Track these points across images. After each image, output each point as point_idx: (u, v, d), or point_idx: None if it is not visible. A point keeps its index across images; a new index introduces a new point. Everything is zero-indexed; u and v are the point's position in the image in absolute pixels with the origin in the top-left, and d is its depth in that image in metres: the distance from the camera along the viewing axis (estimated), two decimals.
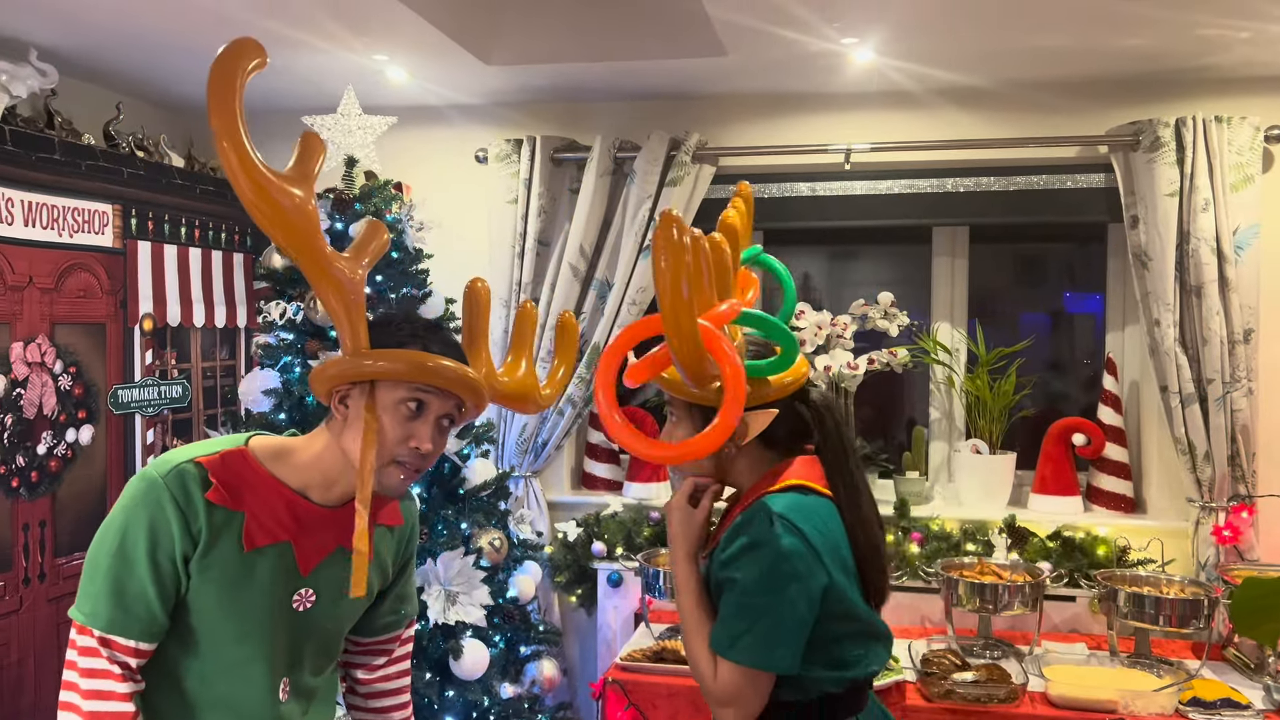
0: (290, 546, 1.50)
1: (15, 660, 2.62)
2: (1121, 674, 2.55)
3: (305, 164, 1.41)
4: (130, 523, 1.42)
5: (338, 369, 1.46)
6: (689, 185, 3.25)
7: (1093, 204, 3.17)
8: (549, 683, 2.85)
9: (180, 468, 1.45)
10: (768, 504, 1.49)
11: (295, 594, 1.53)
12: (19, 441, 2.62)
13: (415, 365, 1.44)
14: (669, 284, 1.32)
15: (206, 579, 1.45)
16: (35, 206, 2.65)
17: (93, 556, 1.44)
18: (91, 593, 1.42)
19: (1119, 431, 3.23)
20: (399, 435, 1.46)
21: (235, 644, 1.50)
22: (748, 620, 1.46)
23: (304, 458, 1.51)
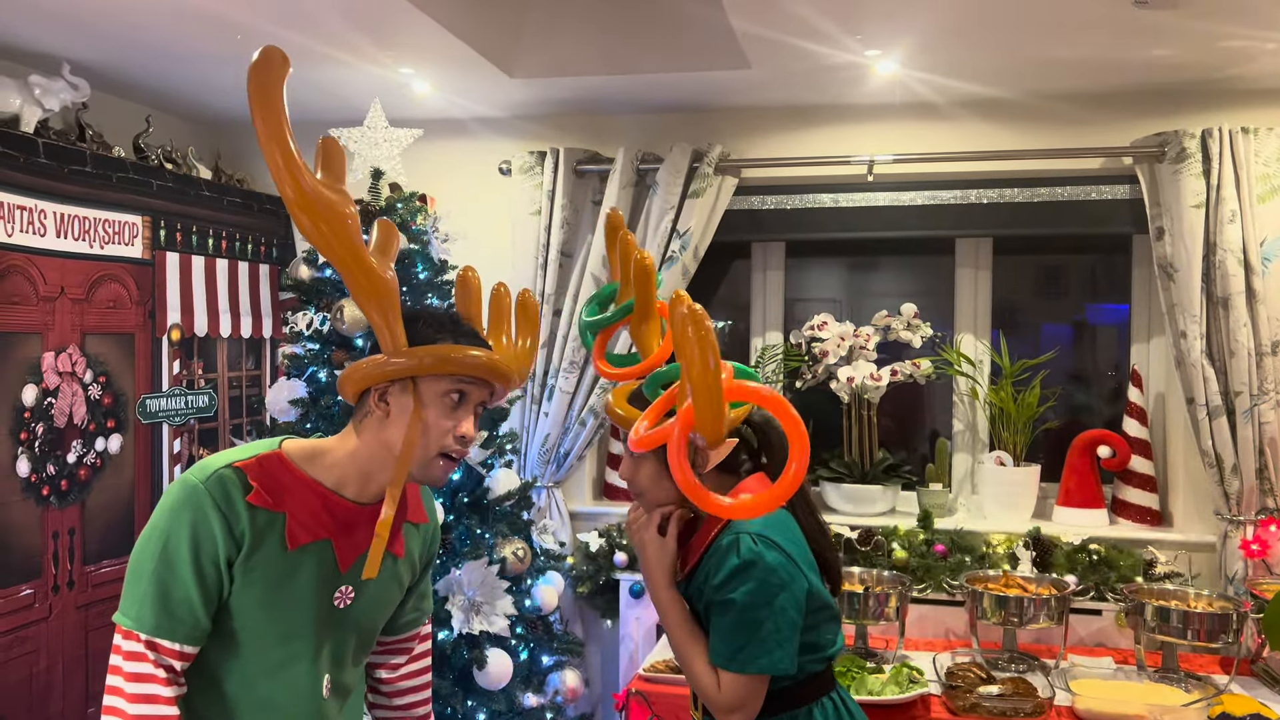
0: (330, 544, 1.54)
1: (44, 667, 2.65)
2: (1149, 689, 2.52)
3: (334, 168, 1.46)
4: (173, 528, 1.44)
5: (383, 367, 1.50)
6: (711, 197, 3.26)
7: (1118, 215, 3.16)
8: (572, 693, 2.85)
9: (219, 473, 1.47)
10: (742, 527, 1.65)
11: (336, 591, 1.56)
12: (50, 450, 2.65)
13: (462, 359, 1.51)
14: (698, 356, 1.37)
15: (250, 580, 1.47)
16: (67, 218, 2.69)
17: (136, 562, 1.46)
18: (136, 597, 1.43)
19: (1144, 444, 3.21)
20: (445, 426, 1.52)
21: (279, 644, 1.52)
22: (746, 634, 1.61)
23: (339, 456, 1.55)
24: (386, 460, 1.53)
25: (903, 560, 3.04)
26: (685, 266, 3.26)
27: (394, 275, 1.50)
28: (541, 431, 3.38)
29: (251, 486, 1.48)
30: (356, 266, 1.44)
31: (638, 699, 2.61)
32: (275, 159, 1.34)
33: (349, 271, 1.44)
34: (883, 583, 2.86)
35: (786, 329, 3.61)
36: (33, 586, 2.61)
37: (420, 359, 1.49)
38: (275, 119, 1.34)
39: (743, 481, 1.70)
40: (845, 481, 3.33)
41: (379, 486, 1.56)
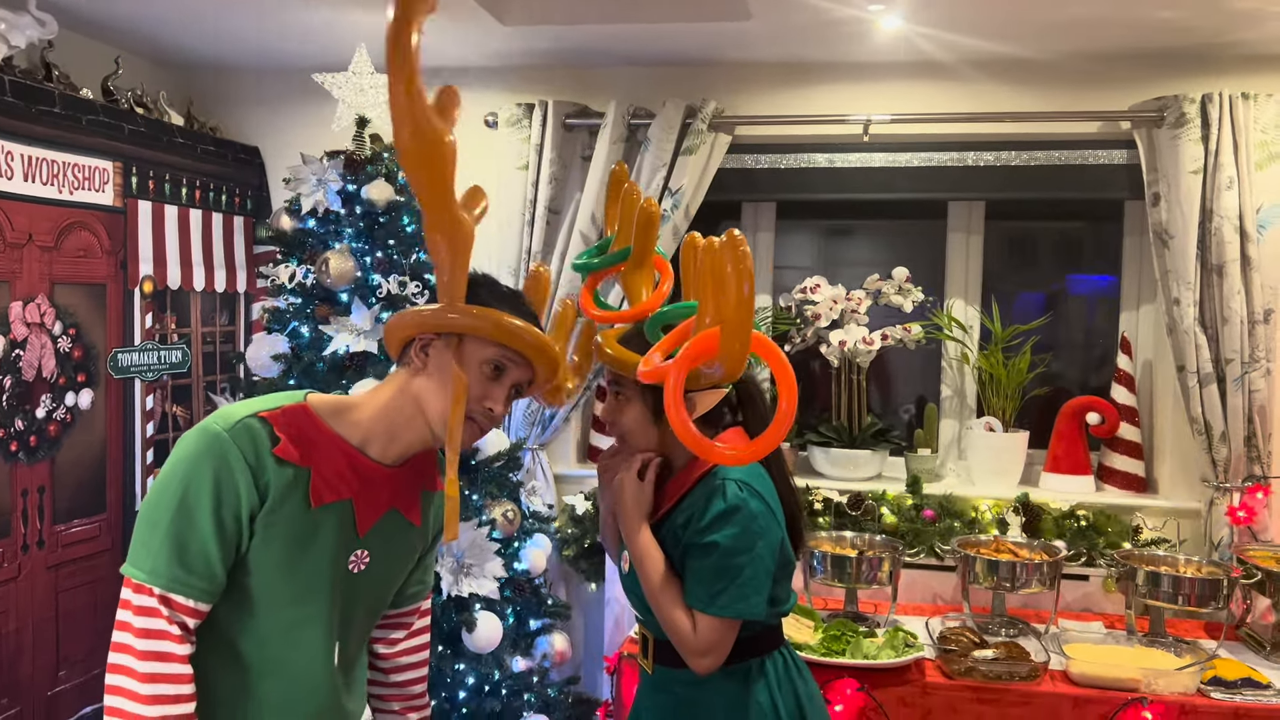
0: (351, 505, 1.47)
1: (14, 629, 2.55)
2: (1141, 653, 2.53)
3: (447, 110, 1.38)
4: (193, 477, 1.36)
5: (435, 318, 1.45)
6: (704, 154, 3.18)
7: (1114, 181, 3.13)
8: (560, 656, 2.81)
9: (245, 421, 1.40)
10: (724, 473, 1.68)
11: (352, 555, 1.50)
12: (18, 404, 2.53)
13: (516, 332, 1.44)
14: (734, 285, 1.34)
15: (270, 536, 1.40)
16: (35, 161, 2.55)
17: (150, 512, 1.38)
18: (151, 549, 1.36)
19: (1132, 411, 3.21)
20: (477, 393, 1.46)
21: (293, 605, 1.45)
22: (726, 578, 1.63)
23: (367, 412, 1.49)
24: (413, 417, 1.48)
25: (893, 525, 3.02)
26: (676, 226, 3.19)
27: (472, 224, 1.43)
28: None
29: (279, 438, 1.41)
30: (445, 206, 1.37)
31: (630, 662, 2.57)
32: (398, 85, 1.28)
33: (435, 209, 1.37)
34: (875, 547, 2.84)
35: (774, 292, 3.56)
36: (1, 545, 2.51)
37: (475, 318, 1.43)
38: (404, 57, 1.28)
39: (719, 435, 1.72)
40: (833, 446, 3.30)
41: (403, 446, 1.50)
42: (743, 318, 1.35)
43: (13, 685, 2.55)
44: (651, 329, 1.69)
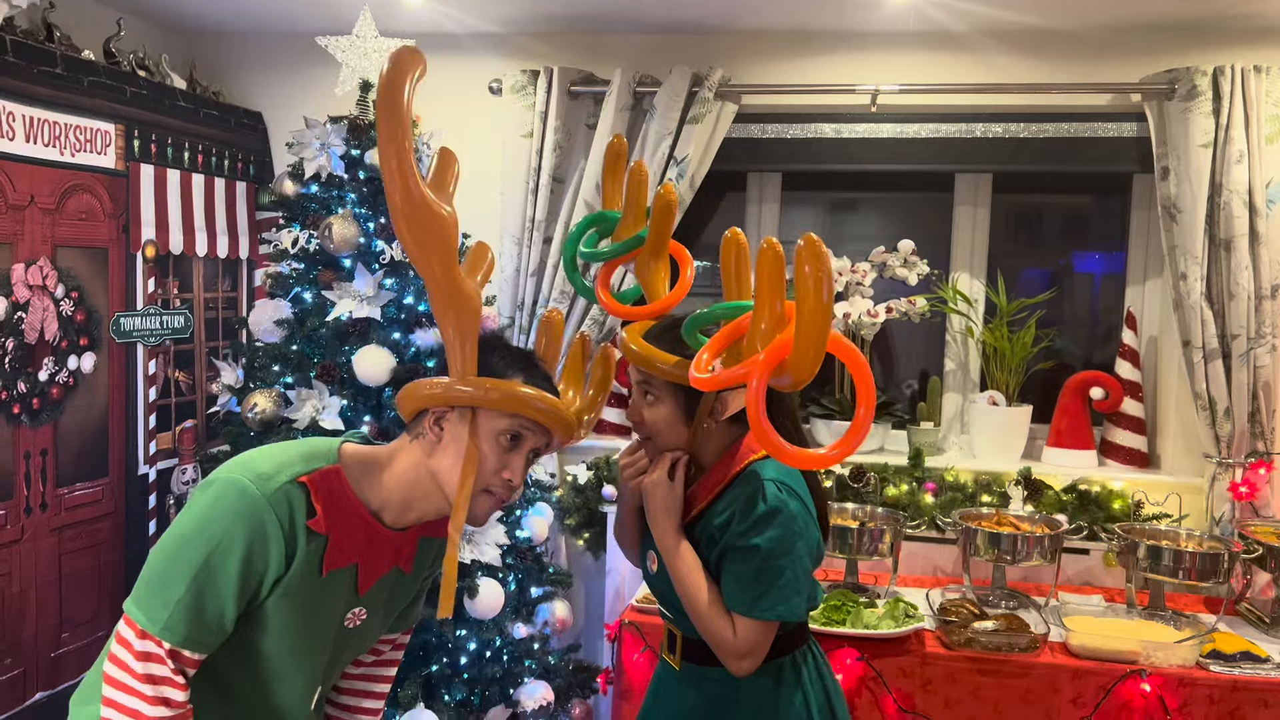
0: (356, 568, 1.49)
1: (17, 591, 2.56)
2: (1141, 626, 2.54)
3: (444, 179, 1.41)
4: (224, 539, 1.36)
5: (447, 392, 1.45)
6: (710, 123, 3.16)
7: (1122, 154, 3.11)
8: (561, 624, 2.82)
9: (286, 489, 1.40)
10: (761, 472, 1.63)
11: (350, 612, 1.53)
12: (20, 367, 2.53)
13: (529, 401, 1.44)
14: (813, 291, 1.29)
15: (282, 599, 1.43)
16: (36, 122, 2.53)
17: (170, 561, 1.37)
18: (165, 600, 1.35)
19: (1136, 386, 3.20)
20: (494, 465, 1.46)
21: (289, 658, 1.48)
22: (767, 580, 1.60)
23: (388, 477, 1.49)
24: (429, 489, 1.48)
25: (894, 497, 3.02)
26: (681, 196, 3.17)
27: (479, 294, 1.45)
28: None
29: (315, 511, 1.41)
30: (448, 281, 1.39)
31: (630, 630, 2.59)
32: (390, 162, 1.29)
33: (437, 283, 1.39)
34: (876, 519, 2.85)
35: None
36: (4, 508, 2.51)
37: (487, 391, 1.43)
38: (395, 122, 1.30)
39: (748, 434, 1.67)
40: (836, 418, 3.30)
41: (418, 515, 1.51)
42: (821, 324, 1.30)
43: (16, 646, 2.56)
44: (689, 330, 1.63)
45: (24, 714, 2.57)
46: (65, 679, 2.71)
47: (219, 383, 2.75)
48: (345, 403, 2.54)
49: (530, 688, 2.64)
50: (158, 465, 3.03)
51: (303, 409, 2.51)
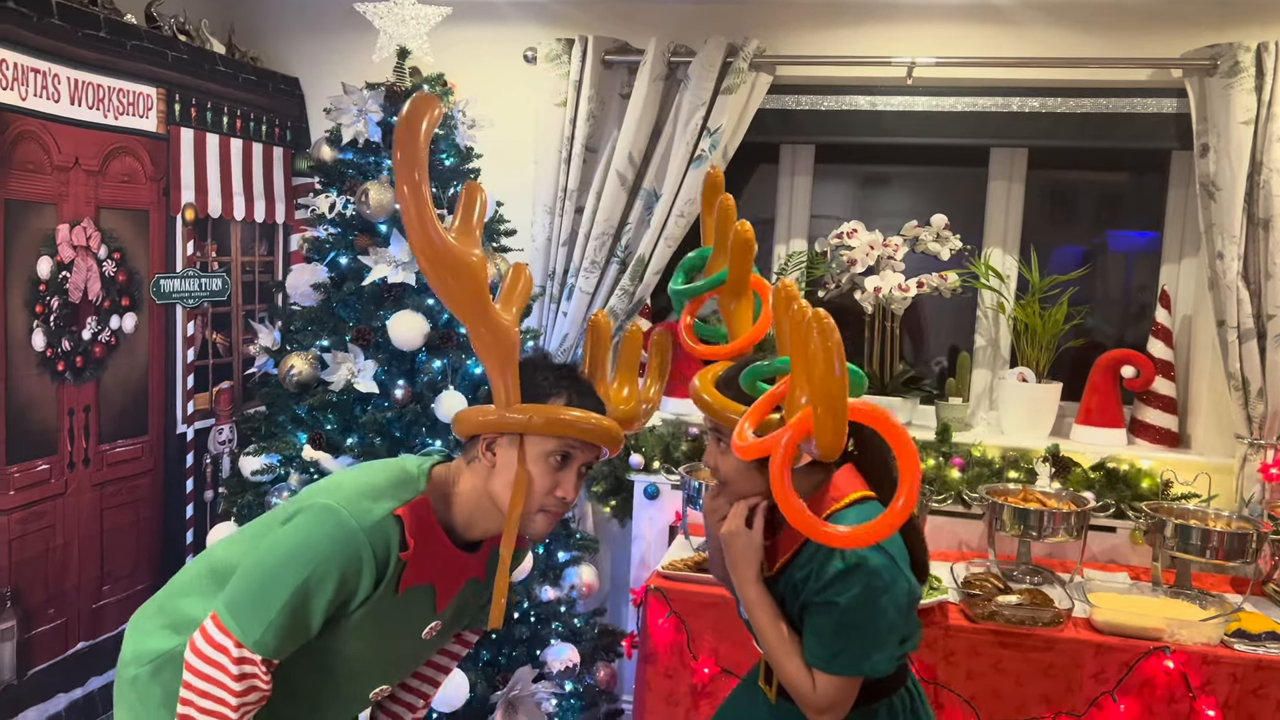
0: (433, 588, 1.58)
1: (60, 544, 2.63)
2: (1166, 603, 2.54)
3: (470, 219, 1.46)
4: (319, 566, 1.44)
5: (494, 421, 1.52)
6: (744, 94, 3.15)
7: (1161, 130, 3.07)
8: (587, 588, 2.86)
9: (383, 523, 1.47)
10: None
11: (427, 627, 1.63)
12: (65, 326, 2.59)
13: (571, 423, 1.51)
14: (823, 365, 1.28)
15: (362, 616, 1.51)
16: (81, 85, 2.57)
17: (269, 580, 1.45)
18: (262, 618, 1.44)
19: (1168, 365, 3.18)
20: (546, 485, 1.53)
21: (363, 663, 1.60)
22: (846, 637, 1.56)
23: (456, 499, 1.58)
24: (489, 509, 1.56)
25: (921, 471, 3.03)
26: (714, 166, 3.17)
27: (515, 324, 1.50)
28: (560, 331, 3.32)
29: (408, 544, 1.49)
30: (480, 321, 1.44)
31: (656, 595, 2.62)
32: (409, 209, 1.34)
33: (472, 324, 1.45)
34: None
35: (811, 237, 3.54)
36: (49, 462, 2.58)
37: (530, 417, 1.49)
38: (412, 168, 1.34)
39: (834, 476, 1.64)
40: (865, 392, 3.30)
41: (480, 532, 1.59)
42: (834, 398, 1.29)
43: (59, 597, 2.64)
44: (748, 380, 1.61)
45: (66, 662, 2.65)
46: (106, 630, 2.78)
47: (256, 345, 2.79)
48: (380, 366, 2.58)
49: (557, 649, 2.69)
50: (195, 425, 3.09)
51: (338, 371, 2.55)
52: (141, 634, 1.64)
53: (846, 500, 1.61)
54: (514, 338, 1.49)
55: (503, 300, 1.54)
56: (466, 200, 1.47)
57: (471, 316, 1.44)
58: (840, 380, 1.28)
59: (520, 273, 1.61)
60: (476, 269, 1.41)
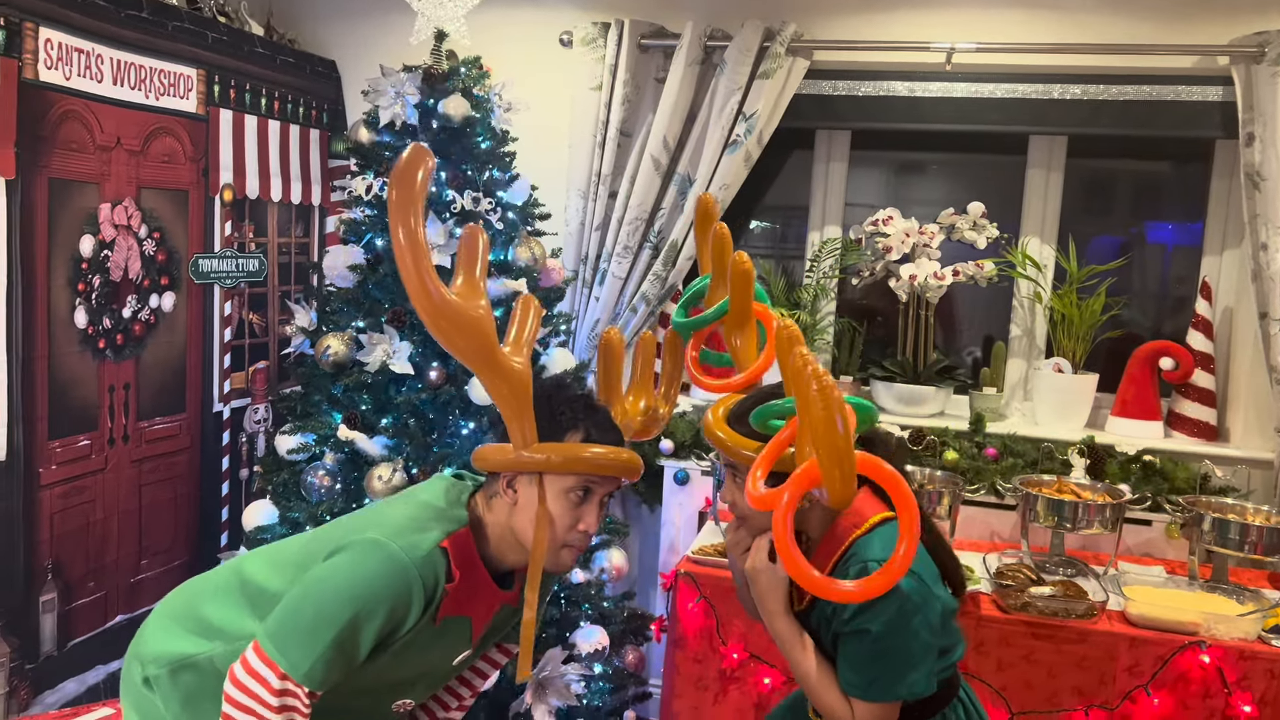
0: (469, 621, 1.61)
1: (101, 519, 2.67)
2: (1202, 598, 2.51)
3: (473, 270, 1.45)
4: (369, 601, 1.46)
5: (512, 462, 1.53)
6: (781, 79, 3.13)
7: (1206, 119, 3.02)
8: (617, 571, 2.87)
9: (431, 556, 1.50)
10: (865, 553, 1.56)
11: (459, 655, 1.67)
12: (106, 304, 2.62)
13: (591, 460, 1.52)
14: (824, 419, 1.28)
15: (402, 644, 1.54)
16: (123, 65, 2.60)
17: (318, 614, 1.46)
18: (311, 652, 1.46)
19: (1207, 357, 3.14)
20: (568, 521, 1.55)
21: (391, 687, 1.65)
22: (880, 664, 1.54)
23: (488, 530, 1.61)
24: (514, 544, 1.58)
25: (954, 461, 3.01)
26: (749, 152, 3.16)
27: (527, 365, 1.51)
28: (591, 316, 3.33)
29: (454, 576, 1.52)
30: (490, 371, 1.45)
31: (686, 580, 2.63)
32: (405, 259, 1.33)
33: (482, 373, 1.45)
34: (935, 482, 2.84)
35: (845, 225, 3.52)
36: (89, 438, 2.62)
37: (548, 457, 1.51)
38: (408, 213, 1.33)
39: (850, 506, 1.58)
40: (897, 381, 3.29)
41: (512, 563, 1.62)
42: (838, 450, 1.27)
43: (99, 570, 2.68)
44: (758, 420, 1.58)
45: (105, 634, 2.70)
46: (143, 604, 2.83)
47: (292, 325, 2.82)
48: (415, 348, 2.59)
49: (586, 631, 2.70)
50: (231, 404, 3.13)
51: (374, 353, 2.57)
52: (164, 634, 1.66)
53: (868, 525, 1.60)
54: (526, 381, 1.49)
55: (513, 342, 1.54)
56: (468, 248, 1.45)
57: (481, 368, 1.45)
58: (845, 436, 1.27)
59: (529, 307, 1.60)
60: (482, 322, 1.40)
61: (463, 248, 1.47)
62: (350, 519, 1.66)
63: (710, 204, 1.90)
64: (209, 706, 1.56)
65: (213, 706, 1.54)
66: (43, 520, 2.47)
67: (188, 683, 1.61)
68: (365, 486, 2.51)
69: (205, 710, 1.59)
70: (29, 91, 2.31)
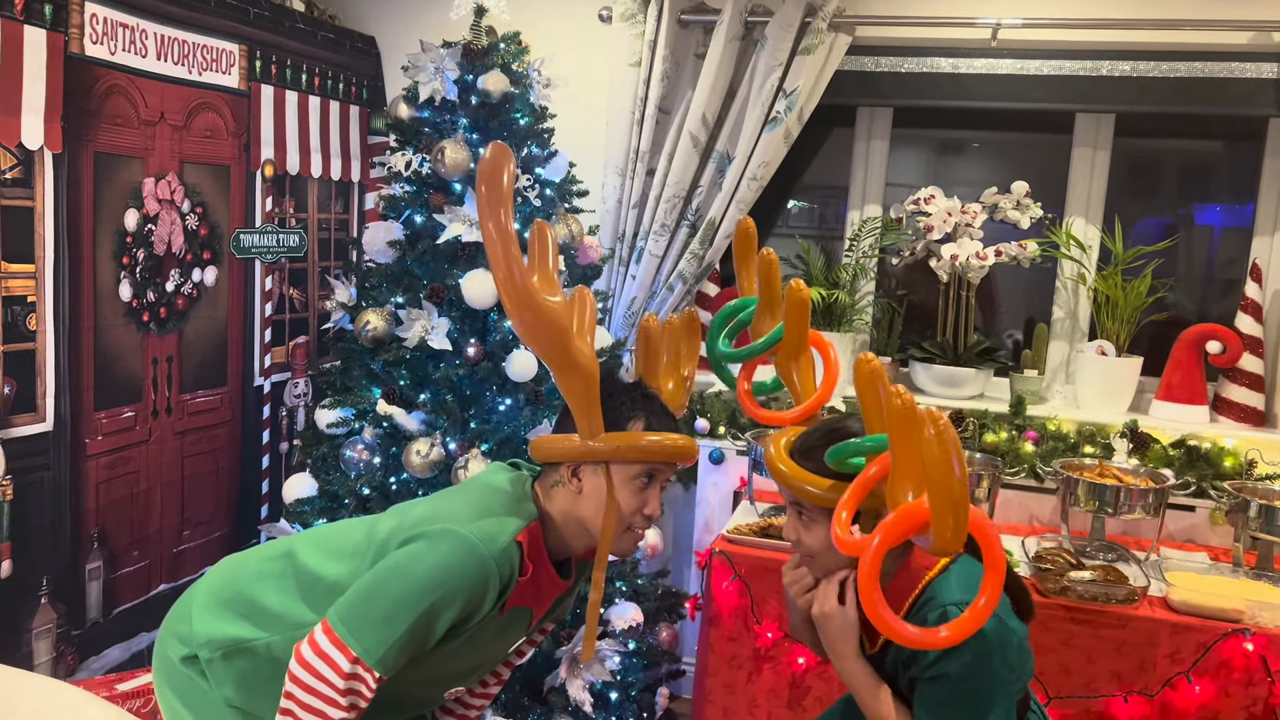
0: (530, 612, 1.65)
1: (144, 489, 2.72)
2: (1247, 585, 2.47)
3: (546, 263, 1.51)
4: (446, 591, 1.49)
5: (581, 451, 1.58)
6: (822, 55, 3.09)
7: (1259, 96, 2.95)
8: (652, 550, 2.87)
9: (508, 549, 1.53)
10: (942, 596, 1.51)
11: (516, 645, 1.72)
12: (149, 277, 2.65)
13: (657, 449, 1.58)
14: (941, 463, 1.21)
15: (469, 634, 1.57)
16: (167, 40, 2.62)
17: (395, 603, 1.49)
18: (386, 639, 1.48)
19: (1256, 341, 3.08)
20: (634, 506, 1.60)
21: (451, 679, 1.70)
22: (961, 707, 1.50)
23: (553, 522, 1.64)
24: (578, 532, 1.62)
25: (993, 444, 2.98)
26: (789, 129, 3.13)
27: (594, 355, 1.55)
28: (628, 295, 3.32)
29: (527, 569, 1.56)
30: (564, 360, 1.50)
31: (721, 559, 2.62)
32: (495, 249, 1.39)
33: (555, 363, 1.50)
34: (974, 464, 2.81)
35: (885, 204, 3.48)
36: (133, 410, 2.66)
37: (617, 447, 1.55)
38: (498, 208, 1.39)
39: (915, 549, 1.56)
40: (937, 362, 3.25)
41: (570, 553, 1.66)
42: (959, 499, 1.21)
43: (143, 540, 2.73)
44: (834, 459, 1.51)
45: (149, 603, 2.75)
46: (186, 573, 2.88)
47: (332, 300, 2.84)
48: (453, 324, 2.60)
49: (621, 608, 2.71)
50: (272, 378, 3.16)
51: (412, 328, 2.58)
52: (212, 617, 1.66)
53: (941, 564, 1.55)
54: (595, 372, 1.54)
55: (579, 334, 1.58)
56: (540, 242, 1.52)
57: (555, 357, 1.50)
58: (962, 482, 1.20)
59: (585, 298, 1.65)
60: (560, 314, 1.47)
61: (534, 243, 1.52)
62: (418, 508, 1.66)
63: (750, 228, 1.87)
64: (264, 689, 1.59)
65: (267, 689, 1.56)
66: (89, 489, 2.52)
67: (242, 667, 1.63)
68: (403, 461, 2.53)
69: (260, 692, 1.61)
70: (75, 66, 2.34)
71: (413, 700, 1.73)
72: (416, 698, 1.73)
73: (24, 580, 2.35)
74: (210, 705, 1.65)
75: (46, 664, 2.43)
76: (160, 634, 1.75)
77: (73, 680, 2.40)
